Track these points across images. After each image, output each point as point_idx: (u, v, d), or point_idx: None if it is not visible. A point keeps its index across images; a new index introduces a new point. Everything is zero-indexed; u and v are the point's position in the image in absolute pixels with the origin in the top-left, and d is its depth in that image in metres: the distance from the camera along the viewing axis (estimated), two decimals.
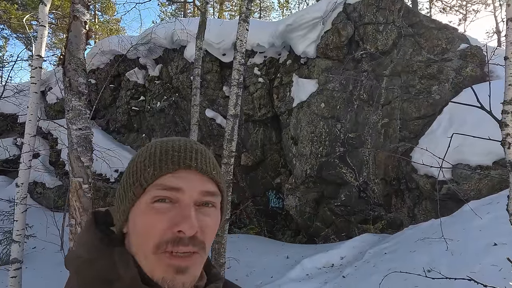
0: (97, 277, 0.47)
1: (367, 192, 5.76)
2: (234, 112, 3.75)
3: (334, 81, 6.17)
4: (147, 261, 0.47)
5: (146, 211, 0.48)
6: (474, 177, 4.28)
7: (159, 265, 0.46)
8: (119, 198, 0.52)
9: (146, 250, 0.47)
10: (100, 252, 0.49)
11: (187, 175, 0.49)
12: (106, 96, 9.99)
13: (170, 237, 0.46)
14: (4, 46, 14.31)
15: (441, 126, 4.95)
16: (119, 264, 0.47)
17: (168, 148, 0.51)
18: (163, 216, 0.47)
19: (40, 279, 4.75)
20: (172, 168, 0.49)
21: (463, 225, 3.12)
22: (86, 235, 0.52)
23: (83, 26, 2.96)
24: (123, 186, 0.52)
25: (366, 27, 6.04)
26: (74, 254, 0.51)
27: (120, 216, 0.51)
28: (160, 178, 0.48)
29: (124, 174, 0.54)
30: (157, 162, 0.49)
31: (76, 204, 2.78)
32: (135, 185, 0.49)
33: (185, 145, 0.52)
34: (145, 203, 0.48)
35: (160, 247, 0.46)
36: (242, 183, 7.56)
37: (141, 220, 0.48)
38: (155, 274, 0.47)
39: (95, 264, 0.48)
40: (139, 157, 0.53)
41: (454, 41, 5.69)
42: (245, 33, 3.74)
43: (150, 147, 0.53)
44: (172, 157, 0.50)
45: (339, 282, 3.36)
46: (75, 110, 2.81)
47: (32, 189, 9.27)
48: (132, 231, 0.50)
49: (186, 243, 0.46)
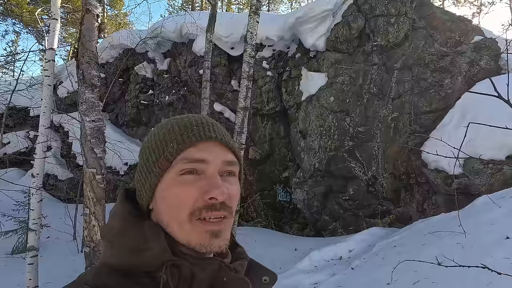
0: (128, 247, 0.49)
1: (375, 187, 5.73)
2: (244, 104, 3.76)
3: (343, 75, 6.11)
4: (182, 230, 0.50)
5: (175, 184, 0.50)
6: (486, 171, 4.22)
7: (194, 232, 0.49)
8: (142, 176, 0.54)
9: (180, 220, 0.49)
10: (131, 224, 0.51)
11: (209, 147, 0.52)
12: (115, 90, 10.09)
13: (203, 204, 0.49)
14: (16, 40, 14.54)
15: (453, 120, 4.88)
16: (149, 235, 0.49)
17: (186, 124, 0.53)
18: (192, 186, 0.50)
19: (54, 267, 4.90)
20: (195, 140, 0.51)
21: (475, 219, 3.09)
22: (119, 208, 0.55)
23: (96, 19, 2.99)
24: (145, 164, 0.54)
25: (377, 20, 5.94)
26: (108, 226, 0.54)
27: (146, 193, 0.53)
28: (184, 151, 0.51)
29: (142, 155, 0.55)
30: (179, 137, 0.52)
31: (90, 194, 2.85)
32: (160, 160, 0.51)
33: (200, 119, 0.55)
34: (172, 177, 0.51)
35: (194, 214, 0.49)
36: (250, 176, 7.60)
37: (172, 192, 0.50)
38: (192, 241, 0.49)
39: (127, 235, 0.50)
40: (156, 135, 0.54)
41: (468, 33, 5.56)
42: (255, 25, 3.73)
43: (166, 124, 0.55)
44: (192, 130, 0.52)
45: (348, 274, 3.38)
46: (88, 102, 2.85)
47: (45, 181, 9.47)
48: (161, 205, 0.51)
49: (218, 208, 0.49)
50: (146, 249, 0.48)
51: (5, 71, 16.69)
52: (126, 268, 0.49)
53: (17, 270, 4.57)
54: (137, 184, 0.56)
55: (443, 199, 4.94)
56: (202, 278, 0.49)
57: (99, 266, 0.52)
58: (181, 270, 0.48)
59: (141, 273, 0.49)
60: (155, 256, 0.48)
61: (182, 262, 0.48)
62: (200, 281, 0.49)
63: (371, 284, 2.92)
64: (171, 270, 0.47)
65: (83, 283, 0.47)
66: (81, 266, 4.09)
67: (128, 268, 0.49)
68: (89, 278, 0.48)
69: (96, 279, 0.48)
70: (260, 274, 0.57)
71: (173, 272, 0.48)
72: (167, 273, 0.47)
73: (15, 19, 9.90)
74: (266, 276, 0.57)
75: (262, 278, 0.56)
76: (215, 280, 0.50)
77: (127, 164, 8.77)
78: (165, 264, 0.47)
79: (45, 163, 3.74)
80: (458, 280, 2.32)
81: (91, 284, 0.47)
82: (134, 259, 0.49)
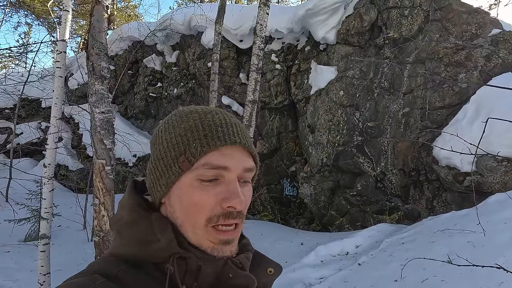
0: (136, 238, 0.50)
1: (384, 183, 5.66)
2: (253, 98, 3.73)
3: (354, 68, 6.00)
4: (195, 234, 0.50)
5: (194, 188, 0.49)
6: (500, 169, 4.12)
7: (208, 237, 0.49)
8: (158, 170, 0.52)
9: (195, 223, 0.49)
10: (140, 215, 0.51)
11: (232, 152, 0.50)
12: (125, 82, 10.17)
13: (220, 211, 0.49)
14: (28, 32, 14.74)
15: (467, 116, 4.74)
16: (157, 228, 0.49)
17: (210, 123, 0.51)
18: (211, 193, 0.49)
19: (65, 254, 5.03)
20: (219, 144, 0.49)
21: (487, 217, 3.02)
22: (127, 200, 0.54)
23: (105, 11, 2.98)
24: (162, 159, 0.52)
25: (390, 12, 5.78)
26: (117, 217, 0.54)
27: (161, 188, 0.52)
28: (207, 155, 0.49)
29: (159, 145, 0.53)
30: (203, 138, 0.50)
31: (99, 185, 2.89)
32: (181, 160, 0.50)
33: (224, 119, 0.53)
34: (192, 180, 0.49)
35: (211, 220, 0.49)
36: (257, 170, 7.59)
37: (190, 196, 0.49)
38: (203, 245, 0.50)
39: (135, 226, 0.50)
40: (175, 128, 0.52)
41: (485, 26, 5.36)
42: (265, 17, 3.67)
43: (187, 118, 0.52)
44: (217, 132, 0.50)
45: (355, 270, 3.36)
46: (98, 94, 2.87)
47: (56, 171, 9.69)
48: (176, 203, 0.51)
49: (234, 216, 0.50)
50: (153, 241, 0.48)
51: (17, 62, 16.99)
52: (135, 258, 0.49)
53: (30, 257, 4.71)
54: (150, 175, 0.54)
55: (453, 197, 4.85)
56: (208, 272, 0.49)
57: (108, 255, 0.52)
58: (187, 263, 0.48)
59: (150, 264, 0.49)
60: (163, 248, 0.48)
61: (189, 255, 0.48)
62: (206, 274, 0.49)
63: (378, 280, 2.90)
64: (178, 262, 0.48)
65: (93, 272, 0.47)
66: (91, 254, 4.20)
67: (137, 259, 0.49)
68: (99, 268, 0.48)
69: (106, 269, 0.48)
70: (265, 265, 0.57)
71: (180, 264, 0.48)
72: (174, 265, 0.47)
73: (27, 11, 10.01)
74: (271, 267, 0.57)
75: (267, 269, 0.56)
76: (221, 275, 0.50)
77: (135, 156, 8.88)
78: (172, 256, 0.48)
79: (56, 154, 3.80)
80: (468, 279, 2.28)
81: (101, 273, 0.47)
82: (142, 250, 0.49)
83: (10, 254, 4.97)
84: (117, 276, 0.47)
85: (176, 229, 0.50)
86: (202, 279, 0.49)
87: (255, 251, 0.58)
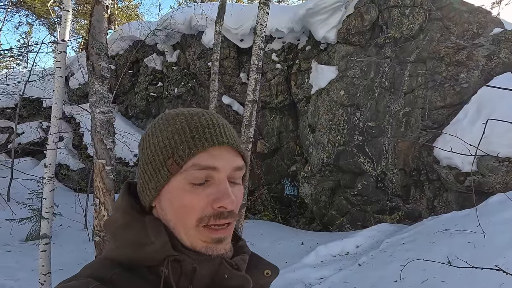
0: (130, 240, 0.50)
1: (385, 182, 5.65)
2: (253, 97, 3.73)
3: (354, 68, 5.98)
4: (188, 235, 0.49)
5: (183, 190, 0.49)
6: (502, 169, 4.10)
7: (200, 237, 0.49)
8: (147, 174, 0.52)
9: (186, 225, 0.49)
10: (133, 218, 0.51)
11: (220, 153, 0.50)
12: (125, 82, 10.17)
13: (211, 212, 0.49)
14: (29, 32, 14.77)
15: (468, 116, 4.73)
16: (151, 230, 0.49)
17: (197, 124, 0.51)
18: (201, 194, 0.49)
19: (66, 254, 5.04)
20: (207, 145, 0.49)
21: (488, 217, 3.01)
22: (121, 202, 0.54)
23: (105, 10, 2.98)
24: (151, 163, 0.51)
25: (391, 11, 5.76)
26: (112, 218, 0.54)
27: (151, 192, 0.51)
28: (195, 156, 0.49)
29: (146, 150, 0.53)
30: (190, 140, 0.49)
31: (99, 184, 2.89)
32: (169, 163, 0.49)
33: (211, 120, 0.52)
34: (181, 182, 0.49)
35: (202, 221, 0.49)
36: (258, 170, 7.60)
37: (179, 198, 0.49)
38: (197, 246, 0.49)
39: (129, 229, 0.50)
40: (162, 131, 0.52)
41: (487, 25, 5.34)
42: (265, 16, 3.66)
43: (173, 121, 0.52)
44: (204, 133, 0.50)
45: (355, 270, 3.36)
46: (98, 94, 2.87)
47: (57, 170, 9.71)
48: (167, 206, 0.51)
49: (225, 216, 0.49)
50: (148, 244, 0.48)
51: (19, 62, 17.03)
52: (129, 262, 0.49)
53: (31, 256, 4.72)
54: (140, 180, 0.54)
55: (454, 197, 4.84)
56: (203, 273, 0.49)
57: (102, 258, 0.52)
58: (182, 265, 0.48)
59: (144, 268, 0.49)
60: (157, 250, 0.48)
61: (184, 257, 0.48)
62: (201, 276, 0.49)
63: (378, 281, 2.90)
64: (172, 265, 0.48)
65: (87, 276, 0.47)
66: (91, 254, 4.20)
67: (131, 262, 0.49)
68: (92, 271, 0.48)
69: (100, 272, 0.47)
70: (262, 267, 0.57)
71: (175, 267, 0.48)
72: (168, 268, 0.47)
73: (27, 10, 10.03)
74: (268, 269, 0.56)
75: (264, 271, 0.56)
76: (216, 276, 0.50)
77: (136, 155, 8.89)
78: (166, 259, 0.47)
79: (57, 154, 3.81)
80: (469, 279, 2.27)
81: (94, 277, 0.46)
82: (136, 253, 0.49)
83: (12, 254, 4.99)
84: (111, 280, 0.46)
85: (170, 231, 0.50)
86: (197, 281, 0.49)
87: (252, 253, 0.58)
